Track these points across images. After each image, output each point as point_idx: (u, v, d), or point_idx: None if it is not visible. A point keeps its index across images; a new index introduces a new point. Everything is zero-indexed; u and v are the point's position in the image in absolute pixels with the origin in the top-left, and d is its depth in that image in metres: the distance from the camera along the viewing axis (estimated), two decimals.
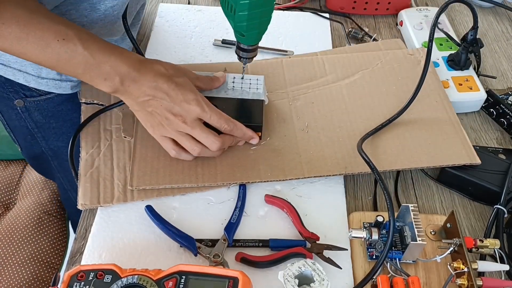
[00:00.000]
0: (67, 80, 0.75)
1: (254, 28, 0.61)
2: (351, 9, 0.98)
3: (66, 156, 0.88)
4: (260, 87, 0.71)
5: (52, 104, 0.79)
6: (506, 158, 0.71)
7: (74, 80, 0.75)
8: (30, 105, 0.79)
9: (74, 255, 0.62)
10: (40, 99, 0.78)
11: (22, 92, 0.76)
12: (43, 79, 0.73)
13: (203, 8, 0.96)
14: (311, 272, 0.55)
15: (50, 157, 0.91)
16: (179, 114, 0.62)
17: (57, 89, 0.75)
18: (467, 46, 0.81)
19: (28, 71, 0.72)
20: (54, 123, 0.83)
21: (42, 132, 0.85)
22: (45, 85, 0.74)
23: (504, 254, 0.61)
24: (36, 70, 0.72)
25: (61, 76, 0.73)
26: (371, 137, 0.71)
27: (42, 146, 0.88)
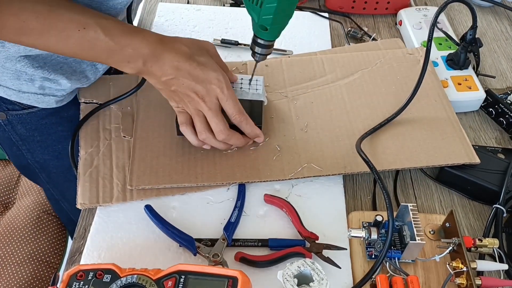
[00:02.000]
0: (50, 95, 0.73)
1: (279, 22, 0.61)
2: (350, 8, 0.98)
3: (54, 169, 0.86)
4: (260, 88, 0.71)
5: (35, 118, 0.77)
6: (505, 158, 0.71)
7: (58, 95, 0.73)
8: (13, 118, 0.77)
9: (73, 255, 0.62)
10: (22, 113, 0.76)
11: (4, 105, 0.75)
12: (24, 93, 0.72)
13: (202, 8, 0.96)
14: (310, 271, 0.55)
15: (37, 169, 0.89)
16: (200, 92, 0.63)
17: (39, 103, 0.74)
18: (466, 46, 0.81)
19: (8, 86, 0.71)
20: (38, 137, 0.81)
21: (26, 145, 0.83)
22: (26, 99, 0.72)
23: (503, 254, 0.61)
24: (16, 85, 0.70)
25: (43, 90, 0.72)
26: (370, 137, 0.71)
27: (28, 158, 0.86)
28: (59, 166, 0.71)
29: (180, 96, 0.64)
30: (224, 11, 0.96)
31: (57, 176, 0.89)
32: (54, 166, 0.86)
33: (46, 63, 0.68)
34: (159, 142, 0.70)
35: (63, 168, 0.85)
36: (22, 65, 0.66)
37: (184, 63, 0.62)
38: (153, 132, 0.71)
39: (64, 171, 0.85)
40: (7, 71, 0.68)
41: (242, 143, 0.68)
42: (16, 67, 0.67)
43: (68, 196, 0.66)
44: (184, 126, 0.66)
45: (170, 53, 0.62)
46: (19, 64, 0.66)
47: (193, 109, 0.64)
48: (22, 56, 0.66)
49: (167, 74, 0.62)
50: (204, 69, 0.62)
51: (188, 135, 0.67)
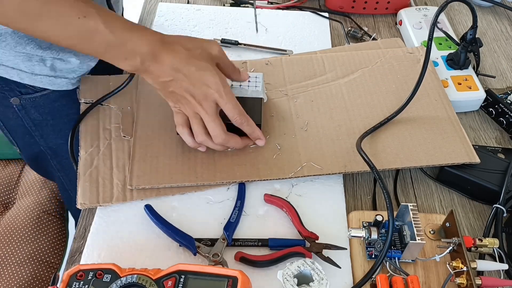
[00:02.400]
0: (62, 77, 0.74)
1: None
2: (351, 8, 0.98)
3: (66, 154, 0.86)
4: (259, 85, 0.71)
5: (48, 100, 0.79)
6: (505, 158, 0.71)
7: (70, 77, 0.75)
8: (26, 103, 0.78)
9: (73, 255, 0.62)
10: (35, 96, 0.77)
11: (17, 89, 0.76)
12: (37, 75, 0.73)
13: (202, 8, 0.96)
14: (310, 271, 0.55)
15: (49, 155, 0.90)
16: (198, 96, 0.62)
17: (51, 85, 0.75)
18: (466, 46, 0.81)
19: (21, 69, 0.72)
20: (51, 120, 0.82)
21: (40, 130, 0.84)
22: (39, 81, 0.74)
23: (503, 253, 0.61)
24: (29, 67, 0.72)
25: (55, 72, 0.73)
26: (370, 136, 0.71)
27: (40, 144, 0.87)
28: None
29: (177, 98, 0.64)
30: (224, 11, 0.96)
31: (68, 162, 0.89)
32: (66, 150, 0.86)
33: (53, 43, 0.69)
34: (159, 142, 0.70)
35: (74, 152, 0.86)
36: (31, 47, 0.68)
37: (183, 66, 0.61)
38: (153, 132, 0.71)
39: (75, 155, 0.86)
40: (19, 54, 0.70)
41: (240, 146, 0.68)
42: (26, 49, 0.68)
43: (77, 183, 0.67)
44: (180, 127, 0.66)
45: (170, 54, 0.61)
46: (29, 47, 0.68)
47: (190, 111, 0.64)
48: (30, 39, 0.67)
49: (165, 76, 0.61)
50: (202, 73, 0.62)
51: (184, 136, 0.67)
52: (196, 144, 0.67)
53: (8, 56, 0.70)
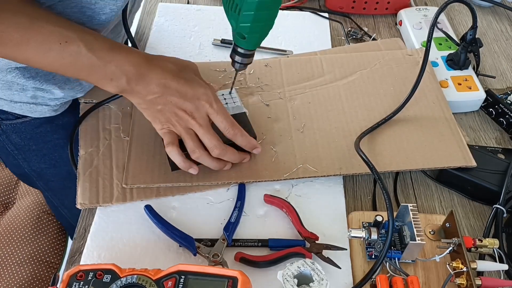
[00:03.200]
0: (43, 104, 0.72)
1: (257, 31, 0.59)
2: (350, 8, 0.98)
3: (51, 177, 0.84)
4: (237, 100, 0.71)
5: (30, 126, 0.76)
6: (505, 158, 0.71)
7: (51, 104, 0.72)
8: (7, 128, 0.76)
9: (73, 255, 0.62)
10: (16, 122, 0.75)
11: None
12: (16, 103, 0.70)
13: (202, 8, 0.96)
14: (310, 271, 0.55)
15: (34, 178, 0.88)
16: (189, 109, 0.61)
17: (32, 113, 0.72)
18: (466, 46, 0.81)
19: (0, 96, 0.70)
20: (34, 146, 0.80)
21: (22, 154, 0.81)
22: (18, 109, 0.71)
23: (503, 254, 0.61)
24: (7, 95, 0.69)
25: (36, 99, 0.71)
26: (367, 138, 0.71)
27: (24, 167, 0.85)
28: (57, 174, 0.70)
29: (166, 116, 0.62)
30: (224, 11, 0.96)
31: (54, 184, 0.88)
32: (51, 174, 0.85)
33: (38, 73, 0.67)
34: (156, 141, 0.70)
35: (60, 176, 0.84)
36: (12, 75, 0.65)
37: (171, 80, 0.60)
38: (149, 131, 0.71)
39: (62, 178, 0.84)
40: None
41: (237, 159, 0.66)
42: (6, 78, 0.65)
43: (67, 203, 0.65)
44: (170, 146, 0.63)
45: (156, 71, 0.60)
46: (10, 75, 0.65)
47: (182, 128, 0.62)
48: (13, 68, 0.64)
49: (153, 93, 0.60)
50: (191, 85, 0.61)
51: (174, 156, 0.63)
52: (186, 165, 0.64)
53: None
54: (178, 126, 0.62)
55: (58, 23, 0.57)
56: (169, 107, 0.61)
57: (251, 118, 0.71)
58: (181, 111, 0.61)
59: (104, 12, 0.63)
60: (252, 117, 0.72)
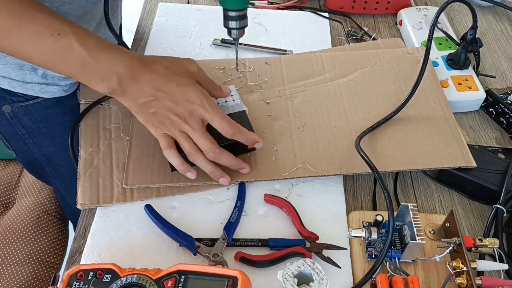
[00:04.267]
0: (54, 84, 0.72)
1: None
2: (351, 8, 0.98)
3: (60, 161, 0.84)
4: (236, 98, 0.70)
5: (40, 108, 0.77)
6: (505, 158, 0.71)
7: (62, 84, 0.73)
8: (18, 111, 0.77)
9: (74, 255, 0.62)
10: (27, 104, 0.75)
11: (9, 97, 0.74)
12: (28, 83, 0.71)
13: (202, 8, 0.96)
14: (310, 271, 0.55)
15: (44, 163, 0.89)
16: (182, 114, 0.61)
17: (43, 93, 0.73)
18: (467, 46, 0.81)
19: (12, 77, 0.70)
20: (44, 128, 0.81)
21: (33, 138, 0.82)
22: (30, 89, 0.72)
23: (503, 253, 0.61)
24: (20, 76, 0.70)
25: (46, 79, 0.71)
26: (367, 138, 0.71)
27: (34, 152, 0.85)
28: (66, 158, 0.70)
29: (160, 119, 0.61)
30: None
31: (64, 169, 0.88)
32: (60, 158, 0.86)
33: None
34: (156, 141, 0.69)
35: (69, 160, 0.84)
36: None
37: (164, 84, 0.60)
38: (149, 131, 0.71)
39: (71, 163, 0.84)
40: (10, 63, 0.68)
41: (233, 164, 0.65)
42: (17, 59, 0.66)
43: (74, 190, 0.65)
44: (167, 150, 0.63)
45: (149, 74, 0.60)
46: None
47: (176, 131, 0.62)
48: None
49: (145, 96, 0.60)
50: (184, 90, 0.61)
51: (172, 158, 0.63)
52: (184, 167, 0.64)
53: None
54: (172, 129, 0.62)
55: (52, 14, 0.56)
56: (162, 111, 0.61)
57: (251, 116, 0.71)
58: (173, 115, 0.61)
59: None
60: (252, 115, 0.72)
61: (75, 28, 0.57)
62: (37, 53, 0.56)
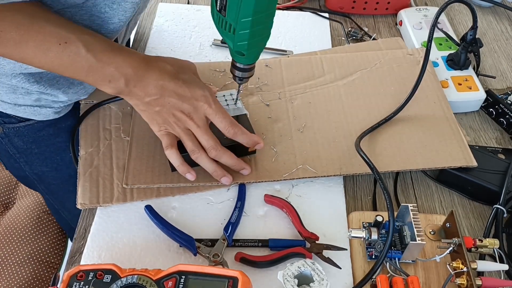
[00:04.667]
0: (47, 106, 0.71)
1: (255, 46, 0.59)
2: (351, 8, 0.98)
3: (53, 180, 0.83)
4: (238, 101, 0.70)
5: (32, 130, 0.76)
6: (505, 158, 0.71)
7: (55, 106, 0.72)
8: (9, 131, 0.75)
9: (74, 255, 0.62)
10: (19, 126, 0.74)
11: (0, 118, 0.73)
12: (20, 106, 0.70)
13: (202, 8, 0.96)
14: (310, 272, 0.55)
15: (35, 181, 0.88)
16: (187, 110, 0.61)
17: (36, 115, 0.72)
18: (467, 46, 0.81)
19: (3, 99, 0.69)
20: (36, 149, 0.79)
21: (24, 157, 0.81)
22: (22, 112, 0.71)
23: (503, 254, 0.61)
24: (12, 99, 0.69)
25: (40, 102, 0.70)
26: (368, 138, 0.71)
27: (26, 170, 0.84)
28: (58, 177, 0.69)
29: (164, 117, 0.62)
30: None
31: (56, 187, 0.87)
32: (53, 177, 0.85)
33: (42, 78, 0.67)
34: (156, 141, 0.70)
35: (62, 179, 0.83)
36: (17, 80, 0.65)
37: (169, 82, 0.61)
38: (150, 131, 0.71)
39: (63, 182, 0.84)
40: (3, 85, 0.67)
41: (235, 163, 0.65)
42: (11, 82, 0.65)
43: (68, 205, 0.65)
44: (169, 149, 0.63)
45: (154, 73, 0.60)
46: (15, 80, 0.65)
47: (180, 129, 0.62)
48: (17, 73, 0.64)
49: (151, 94, 0.61)
50: (189, 87, 0.61)
51: (173, 157, 0.64)
52: (184, 168, 0.64)
53: None
54: (176, 127, 0.63)
55: (58, 23, 0.57)
56: (167, 109, 0.61)
57: (251, 119, 0.71)
58: (179, 112, 0.62)
59: (112, 21, 0.63)
60: (252, 117, 0.72)
61: (81, 34, 0.57)
62: (46, 61, 0.57)
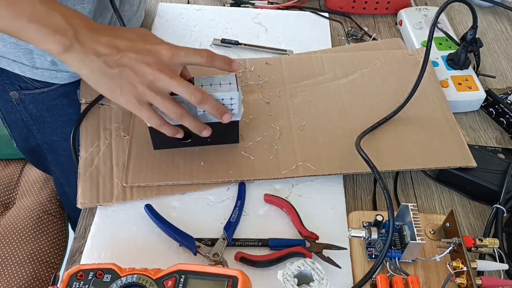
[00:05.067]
0: (63, 71, 0.73)
1: None
2: (351, 8, 0.98)
3: (61, 150, 0.85)
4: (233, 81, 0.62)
5: (47, 98, 0.78)
6: (505, 158, 0.71)
7: (71, 71, 0.73)
8: (25, 98, 0.78)
9: (74, 255, 0.62)
10: (35, 92, 0.77)
11: (18, 84, 0.75)
12: (37, 69, 0.72)
13: (202, 8, 0.96)
14: (310, 271, 0.55)
15: (45, 149, 0.90)
16: (152, 62, 0.54)
17: (53, 79, 0.74)
18: (467, 46, 0.81)
19: (22, 62, 0.71)
20: (48, 117, 0.82)
21: (37, 125, 0.83)
22: (40, 75, 0.73)
23: (503, 253, 0.61)
24: (30, 61, 0.71)
25: (56, 65, 0.72)
26: (368, 138, 0.71)
27: (37, 138, 0.87)
28: (67, 148, 0.68)
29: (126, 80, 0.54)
30: (224, 11, 0.96)
31: (64, 158, 0.89)
32: (62, 148, 0.87)
33: None
34: None
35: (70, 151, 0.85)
36: None
37: (123, 35, 0.55)
38: None
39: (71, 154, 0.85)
40: (20, 47, 0.68)
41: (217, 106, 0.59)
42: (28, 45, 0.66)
43: (72, 181, 0.64)
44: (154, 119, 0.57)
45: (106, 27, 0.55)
46: None
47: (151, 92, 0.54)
48: None
49: (106, 52, 0.53)
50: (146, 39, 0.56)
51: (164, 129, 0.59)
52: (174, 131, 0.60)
53: (9, 49, 0.69)
54: (147, 90, 0.54)
55: None
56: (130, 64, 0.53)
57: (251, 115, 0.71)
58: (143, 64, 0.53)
59: None
60: (253, 115, 0.73)
61: None
62: None
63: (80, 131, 0.72)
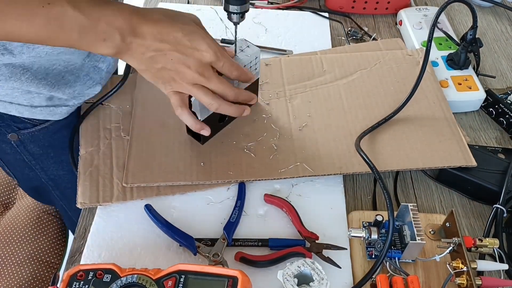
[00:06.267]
0: (61, 105, 0.71)
1: None
2: (351, 8, 0.98)
3: (68, 184, 0.82)
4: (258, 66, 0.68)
5: (48, 133, 0.75)
6: (505, 158, 0.71)
7: (69, 104, 0.72)
8: (25, 138, 0.75)
9: (74, 255, 0.62)
10: (34, 130, 0.74)
11: (14, 125, 0.73)
12: (36, 107, 0.70)
13: (202, 8, 0.96)
14: (310, 271, 0.55)
15: (50, 187, 0.87)
16: (192, 65, 0.57)
17: (52, 115, 0.72)
18: (467, 46, 0.81)
19: (20, 102, 0.69)
20: (52, 153, 0.79)
21: (40, 164, 0.81)
22: (39, 113, 0.71)
23: (503, 254, 0.61)
24: (28, 100, 0.68)
25: (53, 101, 0.70)
26: (368, 138, 0.71)
27: (41, 177, 0.84)
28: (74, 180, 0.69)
29: (169, 75, 0.58)
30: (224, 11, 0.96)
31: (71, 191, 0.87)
32: (68, 180, 0.84)
33: (48, 74, 0.67)
34: (156, 140, 0.70)
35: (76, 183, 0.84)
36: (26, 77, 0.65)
37: (168, 34, 0.56)
38: (150, 130, 0.71)
39: None
40: (17, 89, 0.67)
41: (251, 96, 0.67)
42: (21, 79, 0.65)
43: None
44: (179, 109, 0.61)
45: (150, 24, 0.55)
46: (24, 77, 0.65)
47: (188, 85, 0.59)
48: (24, 69, 0.64)
49: (151, 50, 0.56)
50: (190, 37, 0.57)
51: (185, 117, 0.62)
52: (198, 125, 0.63)
53: (6, 90, 0.67)
54: (185, 83, 0.59)
55: None
56: (170, 65, 0.57)
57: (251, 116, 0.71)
58: (183, 66, 0.57)
59: None
60: (252, 116, 0.72)
61: None
62: (34, 30, 0.52)
63: (80, 131, 0.72)
